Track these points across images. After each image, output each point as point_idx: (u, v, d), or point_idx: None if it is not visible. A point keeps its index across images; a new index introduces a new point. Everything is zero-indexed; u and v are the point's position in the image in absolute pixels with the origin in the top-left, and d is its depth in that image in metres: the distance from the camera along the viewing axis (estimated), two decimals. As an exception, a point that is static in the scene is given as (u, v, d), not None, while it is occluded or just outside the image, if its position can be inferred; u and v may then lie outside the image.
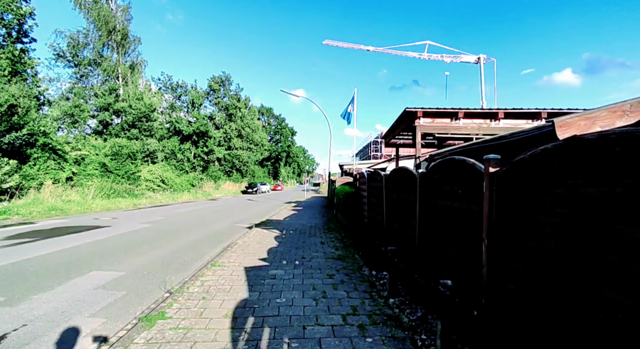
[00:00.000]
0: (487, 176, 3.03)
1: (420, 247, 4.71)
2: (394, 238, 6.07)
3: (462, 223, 3.56)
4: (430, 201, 4.40)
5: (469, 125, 7.95)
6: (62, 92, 27.38)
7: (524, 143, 4.34)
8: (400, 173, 5.77)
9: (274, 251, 8.17)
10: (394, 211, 6.17)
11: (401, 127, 8.83)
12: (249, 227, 12.67)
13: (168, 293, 5.13)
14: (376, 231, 7.78)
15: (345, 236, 10.30)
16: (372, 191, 8.36)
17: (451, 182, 3.83)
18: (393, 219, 6.25)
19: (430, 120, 7.78)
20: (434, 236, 4.24)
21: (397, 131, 9.30)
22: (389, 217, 6.54)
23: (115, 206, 17.92)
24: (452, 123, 7.94)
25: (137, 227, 11.64)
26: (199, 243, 9.31)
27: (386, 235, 6.63)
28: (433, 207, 4.31)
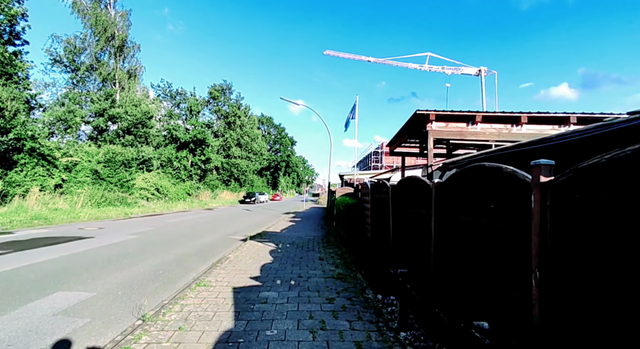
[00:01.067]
0: (538, 188, 2.33)
1: (438, 272, 3.99)
2: (403, 258, 5.34)
3: (496, 247, 2.85)
4: (450, 216, 3.70)
5: (487, 130, 7.26)
6: (57, 98, 26.82)
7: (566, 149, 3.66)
8: (411, 183, 5.07)
9: (267, 268, 7.41)
10: (403, 227, 5.46)
11: (410, 132, 8.14)
12: (243, 239, 11.91)
13: (140, 320, 4.37)
14: (381, 247, 7.04)
15: (346, 252, 9.55)
16: (376, 203, 7.65)
17: (479, 194, 3.13)
18: (401, 236, 5.53)
19: (444, 124, 7.10)
20: (457, 260, 3.52)
21: (403, 137, 8.66)
22: (397, 234, 5.81)
23: (105, 215, 17.13)
24: (469, 128, 7.24)
25: (123, 238, 10.87)
26: (186, 258, 8.54)
27: (393, 253, 5.90)
28: (453, 225, 3.61)
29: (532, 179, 2.39)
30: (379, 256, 6.57)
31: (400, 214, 5.63)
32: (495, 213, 2.89)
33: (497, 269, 2.84)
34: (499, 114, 6.90)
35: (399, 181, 5.52)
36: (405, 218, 5.36)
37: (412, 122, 7.31)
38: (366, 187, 8.87)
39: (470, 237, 3.25)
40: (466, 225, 3.34)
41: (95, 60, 28.26)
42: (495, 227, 2.89)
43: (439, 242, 3.99)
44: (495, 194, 2.93)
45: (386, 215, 6.64)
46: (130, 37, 30.65)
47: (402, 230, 5.55)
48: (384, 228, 6.88)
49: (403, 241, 5.42)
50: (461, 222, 3.45)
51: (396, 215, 5.89)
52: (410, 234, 5.08)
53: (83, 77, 28.22)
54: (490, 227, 2.96)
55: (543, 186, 2.29)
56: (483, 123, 7.16)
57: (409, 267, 4.89)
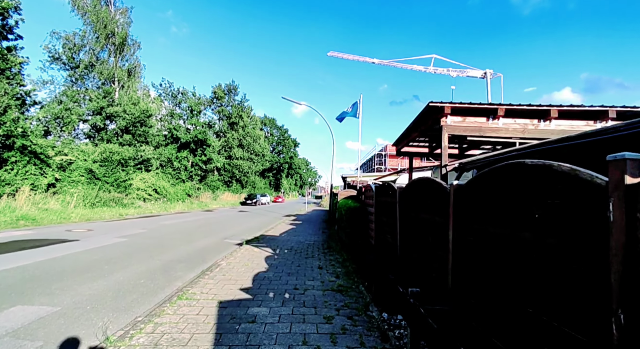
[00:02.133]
0: (620, 192, 1.64)
1: (457, 292, 3.28)
2: (413, 271, 4.63)
3: (546, 270, 2.15)
4: (474, 227, 3.00)
5: (510, 126, 6.45)
6: (55, 96, 26.32)
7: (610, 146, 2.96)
8: (423, 186, 4.37)
9: (261, 278, 6.71)
10: (412, 235, 4.75)
11: (420, 129, 7.14)
12: (239, 243, 11.24)
13: (102, 344, 3.69)
14: (386, 257, 6.33)
15: (347, 259, 8.84)
16: (381, 207, 6.95)
17: (517, 200, 2.43)
18: (411, 246, 4.82)
19: (460, 119, 6.21)
20: (485, 284, 2.81)
21: (412, 135, 7.81)
22: (405, 243, 5.11)
23: (97, 216, 16.52)
24: (489, 123, 6.38)
25: (110, 241, 10.22)
26: (174, 264, 7.87)
27: (401, 265, 5.19)
28: (478, 238, 2.91)
29: (610, 180, 1.69)
30: (384, 267, 5.86)
31: (409, 221, 4.93)
32: (544, 225, 2.19)
33: (545, 298, 2.13)
34: (525, 108, 6.07)
35: (409, 183, 4.83)
36: (415, 225, 4.66)
37: (423, 117, 6.64)
38: (370, 190, 8.18)
39: (503, 256, 2.54)
40: (497, 238, 2.64)
41: (95, 58, 27.78)
42: (543, 243, 2.19)
43: (459, 258, 3.29)
44: (542, 200, 2.22)
45: (392, 221, 5.94)
46: (131, 35, 30.29)
47: (411, 239, 4.84)
48: (390, 235, 6.18)
49: (412, 251, 4.72)
50: (489, 235, 2.74)
51: (404, 221, 5.19)
52: (421, 245, 4.38)
53: (82, 75, 27.71)
54: (536, 242, 2.25)
55: (630, 191, 1.59)
56: (506, 118, 6.36)
57: (420, 284, 4.19)
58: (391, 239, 6.10)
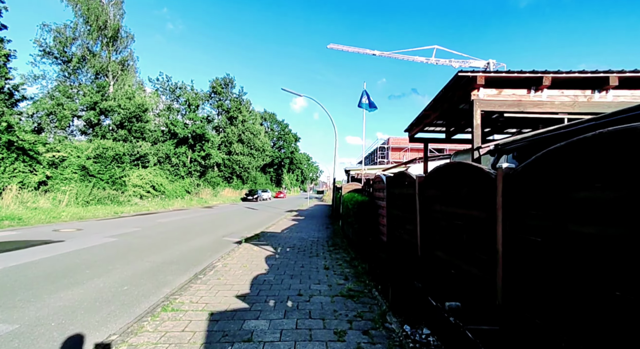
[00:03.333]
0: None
1: (512, 308, 2.49)
2: (441, 276, 3.84)
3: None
4: (542, 223, 2.20)
5: (556, 99, 5.32)
6: (48, 91, 25.46)
7: None
8: (454, 173, 3.56)
9: (260, 281, 5.95)
10: (439, 233, 3.96)
11: (442, 108, 5.92)
12: (237, 242, 10.50)
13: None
14: (402, 256, 5.55)
15: (355, 257, 8.07)
16: (395, 200, 6.15)
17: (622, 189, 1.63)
18: (436, 245, 4.03)
19: (496, 91, 5.05)
20: (565, 298, 2.02)
21: (430, 117, 6.59)
22: (428, 242, 4.32)
23: (90, 215, 15.77)
24: (530, 96, 5.23)
25: (98, 242, 9.47)
26: (165, 267, 7.11)
27: (423, 268, 4.41)
28: (552, 238, 2.11)
29: None
30: (401, 269, 5.08)
31: (434, 216, 4.13)
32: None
33: None
34: (577, 75, 4.91)
35: (433, 170, 4.03)
36: (443, 221, 3.86)
37: (447, 92, 5.43)
38: (381, 182, 7.37)
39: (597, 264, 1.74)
40: (586, 240, 1.83)
41: (87, 51, 26.80)
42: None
43: (514, 264, 2.50)
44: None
45: (410, 216, 5.14)
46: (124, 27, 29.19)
47: (436, 237, 4.05)
48: (407, 232, 5.38)
49: (438, 252, 3.92)
50: (572, 235, 1.94)
51: (426, 216, 4.39)
52: (452, 245, 3.58)
53: (75, 69, 26.78)
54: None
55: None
56: (551, 89, 5.25)
57: (453, 294, 3.40)
58: (408, 237, 5.32)
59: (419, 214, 4.65)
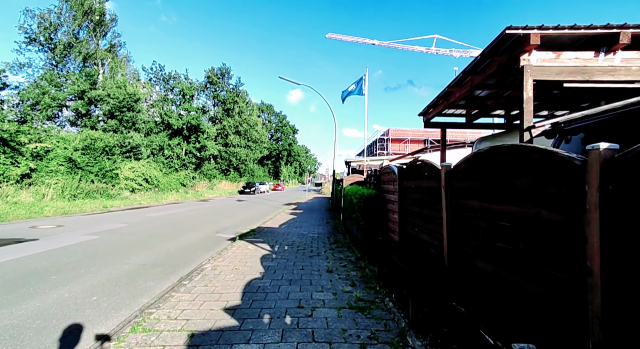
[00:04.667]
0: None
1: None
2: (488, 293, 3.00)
3: None
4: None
5: (633, 62, 4.06)
6: (34, 80, 24.28)
7: None
8: (508, 157, 2.69)
9: (254, 289, 5.12)
10: (478, 236, 3.11)
11: (474, 82, 4.45)
12: (231, 238, 9.68)
13: None
14: (421, 259, 4.72)
15: (361, 258, 7.24)
16: (410, 193, 5.31)
17: None
18: (475, 252, 3.18)
19: (553, 55, 3.84)
20: None
21: (456, 95, 5.21)
22: (460, 246, 3.48)
23: (77, 209, 14.87)
24: (600, 60, 4.02)
25: (77, 240, 8.61)
26: (147, 270, 6.27)
27: (454, 278, 3.57)
28: None
29: None
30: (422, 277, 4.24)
31: (469, 215, 3.28)
32: None
33: None
34: None
35: (471, 156, 3.17)
36: (483, 222, 3.01)
37: (487, 58, 4.11)
38: (391, 173, 6.52)
39: None
40: None
41: (74, 38, 25.52)
42: None
43: (626, 296, 1.66)
44: None
45: (432, 213, 4.30)
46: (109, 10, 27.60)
47: (472, 242, 3.20)
48: (427, 232, 4.55)
49: (479, 263, 3.07)
50: None
51: (458, 215, 3.54)
52: (500, 255, 2.74)
53: (62, 57, 25.54)
54: None
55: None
56: (628, 50, 4.07)
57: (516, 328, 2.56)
58: (429, 238, 4.48)
59: (445, 211, 3.80)
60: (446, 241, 3.80)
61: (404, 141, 49.11)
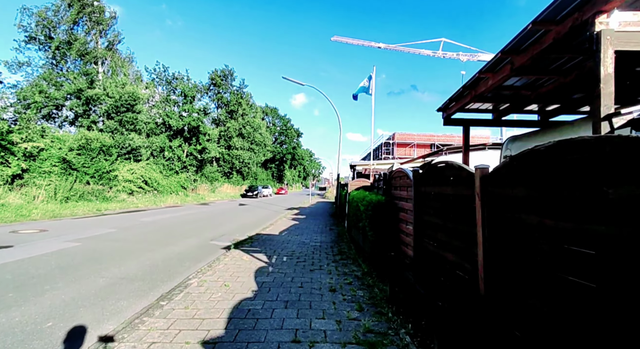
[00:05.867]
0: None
1: None
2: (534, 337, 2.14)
3: None
4: None
5: None
6: (34, 78, 23.72)
7: None
8: (587, 153, 1.86)
9: (242, 313, 4.30)
10: (537, 264, 2.26)
11: (520, 62, 3.32)
12: (226, 247, 8.89)
13: None
14: (444, 281, 3.88)
15: (369, 273, 6.39)
16: (429, 202, 4.46)
17: None
18: (530, 284, 2.33)
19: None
20: None
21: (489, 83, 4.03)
22: (504, 270, 2.63)
23: (68, 213, 14.16)
24: None
25: (55, 248, 7.85)
26: (124, 285, 5.48)
27: (492, 308, 2.72)
28: None
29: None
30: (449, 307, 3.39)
31: (521, 233, 2.44)
32: None
33: None
34: None
35: (522, 155, 2.35)
36: (545, 245, 2.17)
37: (543, 26, 2.92)
38: (404, 177, 5.68)
39: None
40: None
41: (73, 36, 24.91)
42: None
43: None
44: None
45: (460, 227, 3.47)
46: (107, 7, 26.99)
47: (529, 272, 2.35)
48: (454, 251, 3.70)
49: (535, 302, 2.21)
50: None
51: (503, 233, 2.69)
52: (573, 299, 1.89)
53: (62, 56, 24.95)
54: None
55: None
56: None
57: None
58: (456, 258, 3.63)
59: (481, 226, 2.96)
60: (482, 263, 2.96)
61: (410, 145, 48.24)
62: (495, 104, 4.95)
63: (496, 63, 3.42)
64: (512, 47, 3.12)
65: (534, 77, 3.68)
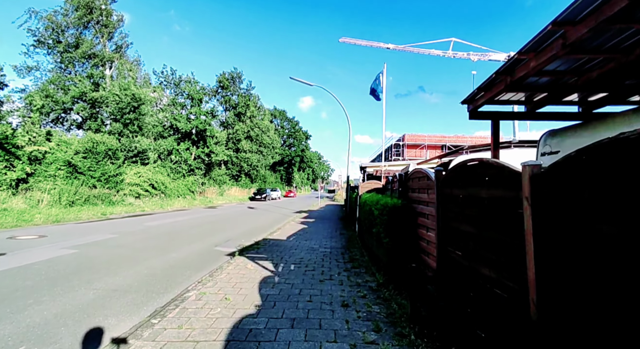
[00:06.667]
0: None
1: None
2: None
3: None
4: None
5: None
6: (42, 83, 23.73)
7: None
8: None
9: (242, 335, 3.76)
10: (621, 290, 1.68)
11: (565, 37, 2.65)
12: (231, 253, 8.40)
13: None
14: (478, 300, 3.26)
15: (384, 284, 5.78)
16: (456, 206, 3.86)
17: None
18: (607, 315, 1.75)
19: None
20: None
21: (529, 65, 3.24)
22: (566, 294, 2.03)
23: (72, 217, 13.85)
24: None
25: (49, 255, 7.43)
26: (116, 298, 4.99)
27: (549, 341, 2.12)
28: None
29: None
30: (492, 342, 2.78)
31: (593, 249, 1.85)
32: None
33: None
34: None
35: (603, 144, 1.78)
36: None
37: None
38: (424, 178, 5.09)
39: None
40: None
41: (79, 38, 24.85)
42: None
43: None
44: None
45: (501, 237, 2.87)
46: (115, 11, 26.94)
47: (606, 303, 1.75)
48: (492, 265, 3.09)
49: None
50: None
51: (564, 247, 2.10)
52: None
53: (71, 60, 24.95)
54: None
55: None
56: None
57: None
58: (495, 274, 3.03)
59: (532, 238, 2.37)
60: (534, 283, 2.36)
61: (421, 146, 47.39)
62: (530, 93, 4.33)
63: (543, 39, 2.82)
64: (566, 17, 2.53)
65: (586, 57, 3.08)
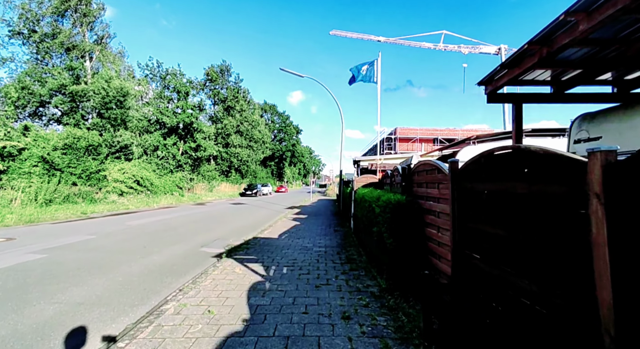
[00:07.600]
0: None
1: None
2: None
3: None
4: None
5: None
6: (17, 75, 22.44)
7: None
8: None
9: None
10: None
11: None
12: (218, 254, 7.75)
13: None
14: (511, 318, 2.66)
15: (388, 289, 5.19)
16: (479, 204, 3.24)
17: None
18: None
19: None
20: None
21: (577, 28, 2.59)
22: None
23: (48, 217, 12.95)
24: None
25: (12, 261, 6.64)
26: (80, 313, 4.29)
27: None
28: None
29: None
30: None
31: None
32: None
33: None
34: None
35: None
36: None
37: None
38: (433, 170, 4.47)
39: None
40: None
41: (56, 28, 23.52)
42: None
43: None
44: None
45: (552, 244, 2.26)
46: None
47: None
48: (533, 279, 2.50)
49: None
50: None
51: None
52: None
53: (47, 51, 23.61)
54: None
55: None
56: None
57: None
58: (535, 289, 2.42)
59: (608, 249, 1.76)
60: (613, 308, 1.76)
61: (413, 140, 47.06)
62: (559, 72, 3.72)
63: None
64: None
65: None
